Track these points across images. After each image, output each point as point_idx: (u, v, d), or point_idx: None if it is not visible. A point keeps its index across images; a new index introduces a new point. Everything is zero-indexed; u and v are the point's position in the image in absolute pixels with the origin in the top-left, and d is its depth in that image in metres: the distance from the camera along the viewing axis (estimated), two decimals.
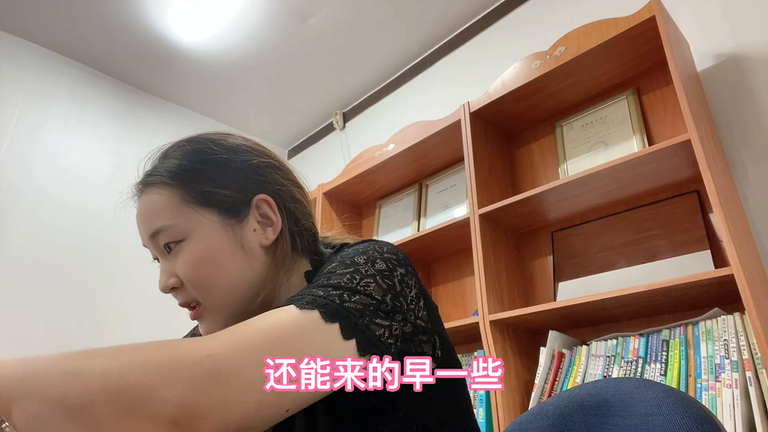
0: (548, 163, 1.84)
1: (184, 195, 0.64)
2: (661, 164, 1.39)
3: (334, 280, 0.52)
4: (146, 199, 0.66)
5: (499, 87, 1.76)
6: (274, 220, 0.67)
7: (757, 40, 1.46)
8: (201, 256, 0.62)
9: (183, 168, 0.66)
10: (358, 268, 0.54)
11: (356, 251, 0.58)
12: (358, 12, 2.31)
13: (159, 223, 0.63)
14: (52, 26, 2.34)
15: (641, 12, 1.46)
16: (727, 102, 1.48)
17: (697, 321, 1.19)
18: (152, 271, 2.35)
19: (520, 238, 1.83)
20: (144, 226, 0.65)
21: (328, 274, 0.54)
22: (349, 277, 0.53)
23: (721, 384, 1.07)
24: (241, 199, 0.65)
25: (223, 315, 0.63)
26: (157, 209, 0.64)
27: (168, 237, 0.62)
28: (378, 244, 0.61)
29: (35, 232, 2.20)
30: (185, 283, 0.62)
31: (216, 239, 0.63)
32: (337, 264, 0.56)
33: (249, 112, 3.00)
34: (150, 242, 0.65)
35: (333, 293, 0.50)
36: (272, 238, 0.66)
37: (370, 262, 0.55)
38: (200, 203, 0.64)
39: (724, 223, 1.14)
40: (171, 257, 0.63)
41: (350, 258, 0.56)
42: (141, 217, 0.66)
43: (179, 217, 0.63)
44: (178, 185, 0.64)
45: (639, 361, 1.23)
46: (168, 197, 0.64)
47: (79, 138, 2.46)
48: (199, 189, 0.64)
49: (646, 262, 1.46)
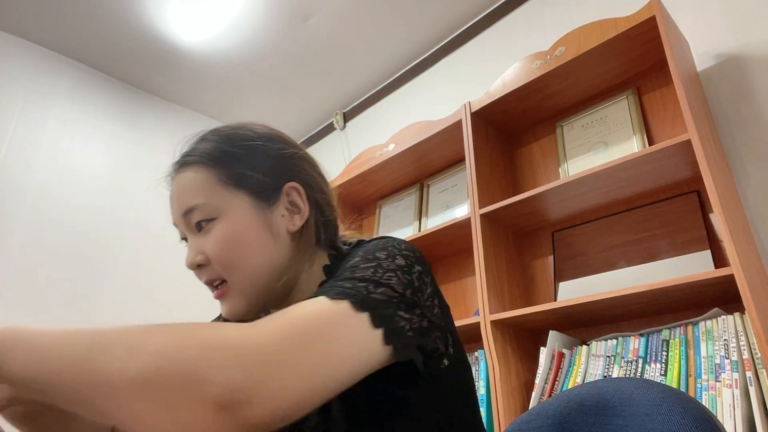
0: (549, 163, 1.84)
1: (220, 176, 0.66)
2: (661, 164, 1.39)
3: (359, 273, 0.54)
4: (182, 178, 0.68)
5: (500, 87, 1.77)
6: (302, 208, 0.69)
7: (757, 39, 1.46)
8: (231, 236, 0.64)
9: (220, 150, 0.68)
10: (380, 262, 0.56)
11: (376, 246, 0.60)
12: (359, 12, 2.31)
13: (193, 201, 0.65)
14: (52, 26, 2.34)
15: (641, 12, 1.46)
16: (727, 102, 1.48)
17: (697, 321, 1.20)
18: (152, 270, 2.36)
19: (520, 238, 1.84)
20: (178, 204, 0.67)
21: (351, 268, 0.55)
22: (372, 270, 0.54)
23: (721, 384, 1.07)
24: (272, 184, 0.68)
25: (247, 295, 0.64)
26: (193, 188, 0.66)
27: (201, 215, 0.64)
28: (396, 240, 0.63)
29: (36, 231, 2.20)
30: (213, 261, 0.64)
31: (247, 220, 0.65)
32: (359, 258, 0.57)
33: (249, 112, 3.00)
34: (182, 220, 0.66)
35: (359, 285, 0.52)
36: (299, 225, 0.68)
37: (391, 257, 0.57)
38: (234, 185, 0.66)
39: (724, 222, 1.14)
40: (201, 235, 0.65)
41: (371, 253, 0.58)
42: (175, 194, 0.68)
43: (213, 197, 0.65)
44: (214, 166, 0.67)
45: (639, 361, 1.23)
46: (204, 177, 0.66)
47: (80, 137, 2.46)
48: (234, 171, 0.66)
49: (647, 262, 1.46)
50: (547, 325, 1.52)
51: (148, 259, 2.52)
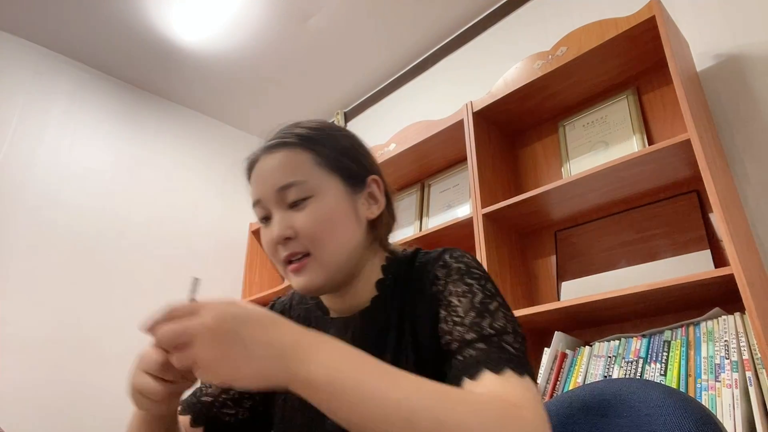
0: (551, 162, 1.85)
1: (317, 158, 0.71)
2: (661, 164, 1.40)
3: (486, 322, 0.60)
4: (279, 156, 0.71)
5: (502, 87, 1.77)
6: (379, 200, 0.76)
7: (756, 40, 1.47)
8: (325, 214, 0.68)
9: (318, 135, 0.73)
10: (487, 295, 0.64)
11: (459, 270, 0.67)
12: (359, 11, 2.32)
13: (293, 178, 0.69)
14: (52, 26, 2.35)
15: (641, 12, 1.47)
16: (726, 102, 1.49)
17: (698, 321, 1.20)
18: (153, 270, 2.37)
19: (523, 238, 1.84)
20: (273, 179, 0.70)
21: (462, 308, 0.63)
22: (491, 312, 0.62)
23: (720, 384, 1.08)
24: (360, 173, 0.75)
25: (328, 270, 0.68)
26: (292, 165, 0.70)
27: (298, 192, 0.68)
28: (465, 256, 0.70)
29: (37, 231, 2.21)
30: (303, 235, 0.67)
31: (338, 202, 0.71)
32: (456, 289, 0.65)
33: (249, 112, 3.01)
34: (274, 195, 0.69)
35: (505, 346, 0.58)
36: (376, 214, 0.75)
37: (483, 282, 0.66)
38: (329, 168, 0.71)
39: (724, 222, 1.15)
40: (293, 211, 0.69)
41: (467, 283, 0.65)
42: (269, 171, 0.71)
43: (311, 176, 0.70)
44: (312, 149, 0.72)
45: (639, 361, 1.24)
46: (303, 157, 0.71)
47: (80, 137, 2.47)
48: (329, 155, 0.72)
49: (648, 262, 1.47)
50: (550, 325, 1.53)
51: (150, 259, 2.53)
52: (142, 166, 2.66)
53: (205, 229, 2.81)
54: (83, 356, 2.19)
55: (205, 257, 2.75)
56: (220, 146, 3.04)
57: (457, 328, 0.61)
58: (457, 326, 0.61)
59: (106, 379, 2.22)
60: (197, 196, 2.84)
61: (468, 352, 0.58)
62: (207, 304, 0.50)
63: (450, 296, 0.65)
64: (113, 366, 2.25)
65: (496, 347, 0.57)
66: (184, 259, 2.66)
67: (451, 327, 0.62)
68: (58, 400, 2.07)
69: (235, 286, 2.81)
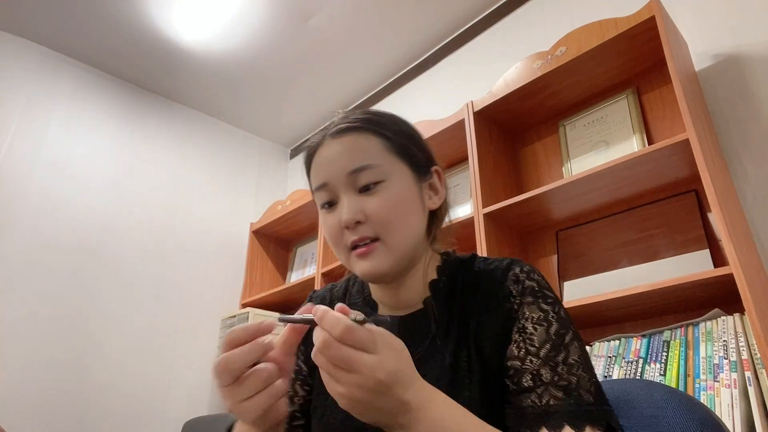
0: (552, 162, 1.86)
1: (388, 144, 0.71)
2: (661, 163, 1.41)
3: (561, 357, 0.60)
4: (349, 140, 0.71)
5: (502, 86, 1.78)
6: (440, 191, 0.77)
7: (754, 40, 1.48)
8: (398, 198, 0.69)
9: (386, 121, 0.74)
10: (562, 324, 0.63)
11: (533, 291, 0.66)
12: (360, 12, 2.32)
13: (367, 161, 0.68)
14: (54, 26, 2.35)
15: (641, 12, 1.47)
16: (725, 101, 1.50)
17: (697, 322, 1.22)
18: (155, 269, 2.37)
19: (524, 238, 1.86)
20: (344, 162, 0.69)
21: (537, 338, 0.62)
22: (565, 345, 0.61)
23: (719, 384, 1.09)
24: (426, 163, 0.76)
25: (396, 254, 0.68)
26: (365, 149, 0.70)
27: (371, 176, 0.68)
28: (535, 272, 0.69)
29: (38, 231, 2.22)
30: (374, 220, 0.67)
31: (408, 188, 0.71)
32: (532, 314, 0.64)
33: (251, 112, 3.01)
34: (345, 178, 0.69)
35: (583, 395, 0.58)
36: (437, 204, 0.76)
37: (557, 308, 0.65)
38: (400, 154, 0.72)
39: (722, 222, 1.16)
40: (364, 195, 0.68)
41: (542, 309, 0.64)
42: (342, 154, 0.70)
43: (384, 161, 0.70)
44: (384, 135, 0.72)
45: (639, 361, 1.25)
46: (376, 142, 0.71)
47: (82, 137, 2.47)
48: (400, 142, 0.73)
49: (648, 261, 1.48)
50: None
51: (150, 259, 2.54)
52: (143, 166, 2.66)
53: (205, 228, 2.81)
54: (84, 356, 2.20)
55: (206, 257, 2.76)
56: (221, 146, 3.04)
57: (530, 358, 0.61)
58: (530, 356, 0.61)
59: (107, 378, 2.23)
60: (198, 195, 2.84)
61: (545, 398, 0.58)
62: (382, 348, 0.51)
63: (525, 321, 0.64)
64: (114, 366, 2.27)
65: (575, 397, 0.57)
66: (184, 259, 2.67)
67: (523, 355, 0.62)
68: (58, 400, 2.09)
69: (235, 286, 2.83)
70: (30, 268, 2.16)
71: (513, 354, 0.63)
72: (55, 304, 2.18)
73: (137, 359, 2.35)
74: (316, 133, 0.76)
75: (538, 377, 0.59)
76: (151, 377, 2.37)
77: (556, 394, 0.57)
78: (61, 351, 2.15)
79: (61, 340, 2.16)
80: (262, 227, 2.83)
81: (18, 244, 2.15)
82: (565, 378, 0.58)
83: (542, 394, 0.58)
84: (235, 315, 2.45)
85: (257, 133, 3.22)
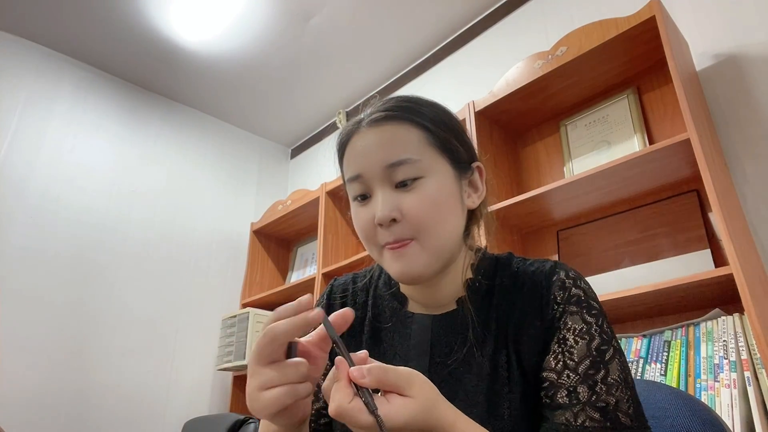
0: (553, 162, 1.86)
1: (429, 137, 0.66)
2: (662, 163, 1.41)
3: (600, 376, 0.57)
4: (388, 130, 0.65)
5: (503, 86, 1.78)
6: (480, 190, 0.71)
7: (754, 40, 1.48)
8: (437, 197, 0.64)
9: (429, 112, 0.68)
10: (604, 339, 0.60)
11: (579, 300, 0.62)
12: (361, 12, 2.32)
13: (406, 154, 0.63)
14: (54, 26, 2.35)
15: (641, 12, 1.48)
16: (725, 101, 1.50)
17: (698, 322, 1.22)
18: (155, 270, 2.37)
19: (525, 237, 1.86)
20: (383, 154, 0.64)
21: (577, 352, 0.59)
22: (605, 362, 0.58)
23: (719, 384, 1.09)
24: (467, 159, 0.70)
25: (432, 256, 0.64)
26: (405, 142, 0.65)
27: (410, 171, 0.63)
28: (581, 280, 0.65)
29: (38, 230, 2.22)
30: (410, 219, 0.62)
31: (448, 186, 0.66)
32: (575, 326, 0.61)
33: (252, 111, 3.01)
34: (382, 171, 0.64)
35: (620, 419, 0.56)
36: (477, 203, 0.70)
37: (601, 321, 0.61)
38: (441, 149, 0.66)
39: (723, 221, 1.16)
40: (400, 191, 0.64)
41: (586, 321, 0.61)
42: (379, 145, 0.65)
43: (425, 156, 0.64)
44: (425, 127, 0.66)
45: (640, 361, 1.26)
46: (416, 135, 0.65)
47: (82, 137, 2.47)
48: (442, 135, 0.67)
49: (649, 261, 1.48)
50: None
51: (151, 259, 2.54)
52: (144, 166, 2.66)
53: (206, 228, 2.81)
54: (84, 356, 2.20)
55: (207, 257, 2.76)
56: (221, 146, 3.04)
57: (568, 373, 0.58)
58: (568, 370, 0.58)
59: (107, 378, 2.23)
60: (199, 195, 2.84)
61: (581, 419, 0.56)
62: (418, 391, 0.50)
63: (567, 332, 0.60)
64: (114, 365, 2.27)
65: (612, 420, 0.55)
66: (185, 259, 2.67)
67: (561, 369, 0.59)
68: (58, 400, 2.09)
69: (235, 286, 2.83)
70: (29, 269, 2.16)
71: (550, 366, 0.60)
72: (54, 305, 2.18)
73: (137, 359, 2.35)
74: (351, 121, 0.71)
75: (575, 395, 0.57)
76: (152, 377, 2.37)
77: (592, 415, 0.55)
78: (61, 351, 2.15)
79: (60, 340, 2.16)
80: (263, 227, 2.83)
81: (17, 245, 2.15)
82: (603, 399, 0.56)
83: (578, 413, 0.56)
84: (236, 315, 2.45)
85: (258, 133, 3.22)
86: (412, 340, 0.68)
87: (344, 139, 0.69)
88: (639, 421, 0.56)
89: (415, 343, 0.67)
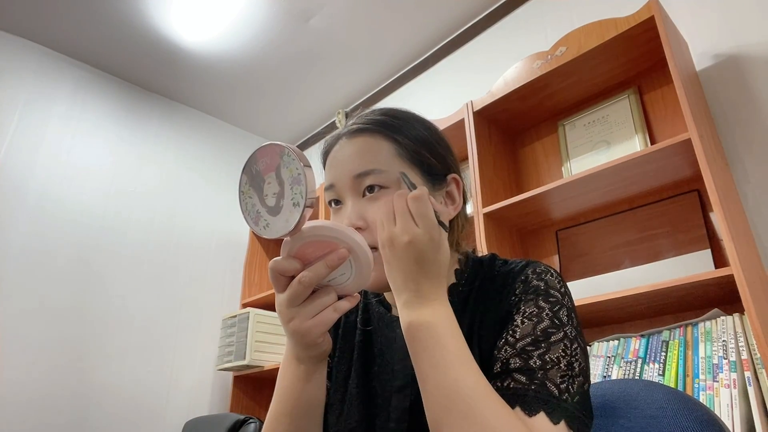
0: (552, 161, 1.86)
1: (399, 149, 0.68)
2: (663, 163, 1.41)
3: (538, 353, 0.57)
4: (361, 141, 0.69)
5: (502, 86, 1.78)
6: (457, 201, 0.72)
7: (754, 40, 1.48)
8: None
9: (400, 124, 0.70)
10: (554, 323, 0.59)
11: (537, 289, 0.62)
12: (360, 12, 2.32)
13: (373, 165, 0.66)
14: (54, 26, 2.35)
15: (640, 12, 1.47)
16: (725, 101, 1.50)
17: (696, 322, 1.22)
18: (155, 270, 2.37)
19: (525, 237, 1.86)
20: (353, 164, 0.67)
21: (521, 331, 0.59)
22: (550, 342, 0.57)
23: (719, 384, 1.09)
24: (441, 170, 0.71)
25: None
26: (373, 153, 0.67)
27: (376, 180, 0.66)
28: (548, 272, 0.65)
29: (37, 230, 2.22)
30: (374, 228, 0.64)
31: None
32: (526, 309, 0.61)
33: (252, 111, 3.01)
34: (351, 181, 0.67)
35: (548, 385, 0.54)
36: (452, 215, 0.71)
37: (557, 307, 0.61)
38: (411, 160, 0.68)
39: (724, 221, 1.16)
40: (366, 201, 0.66)
41: (539, 306, 0.61)
42: (349, 155, 0.68)
43: (391, 167, 0.67)
44: (395, 139, 0.69)
45: (638, 361, 1.25)
46: (385, 146, 0.68)
47: (81, 137, 2.47)
48: (412, 148, 0.69)
49: (650, 262, 1.48)
50: None
51: (150, 259, 2.54)
52: (144, 166, 2.66)
53: (205, 228, 2.82)
54: (84, 356, 2.20)
55: (206, 257, 2.76)
56: (221, 146, 3.04)
57: (507, 349, 0.58)
58: (507, 346, 0.58)
59: (107, 378, 2.23)
60: (198, 195, 2.84)
61: (507, 382, 0.55)
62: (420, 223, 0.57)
63: (516, 315, 0.61)
64: (114, 366, 2.27)
65: (537, 383, 0.54)
66: (184, 259, 2.67)
67: (501, 345, 0.59)
68: (58, 400, 2.09)
69: (235, 286, 2.83)
70: (29, 269, 2.16)
71: (497, 347, 0.60)
72: (54, 305, 2.18)
73: (137, 359, 2.35)
74: (335, 132, 0.74)
75: (506, 365, 0.57)
76: (152, 377, 2.37)
77: (518, 378, 0.55)
78: (61, 351, 2.15)
79: (61, 341, 2.16)
80: None
81: (17, 245, 2.15)
82: (534, 368, 0.55)
83: (505, 378, 0.56)
84: (236, 315, 2.45)
85: (258, 133, 3.22)
86: (397, 344, 0.70)
87: (326, 148, 0.73)
88: (572, 400, 0.54)
89: (399, 347, 0.70)
